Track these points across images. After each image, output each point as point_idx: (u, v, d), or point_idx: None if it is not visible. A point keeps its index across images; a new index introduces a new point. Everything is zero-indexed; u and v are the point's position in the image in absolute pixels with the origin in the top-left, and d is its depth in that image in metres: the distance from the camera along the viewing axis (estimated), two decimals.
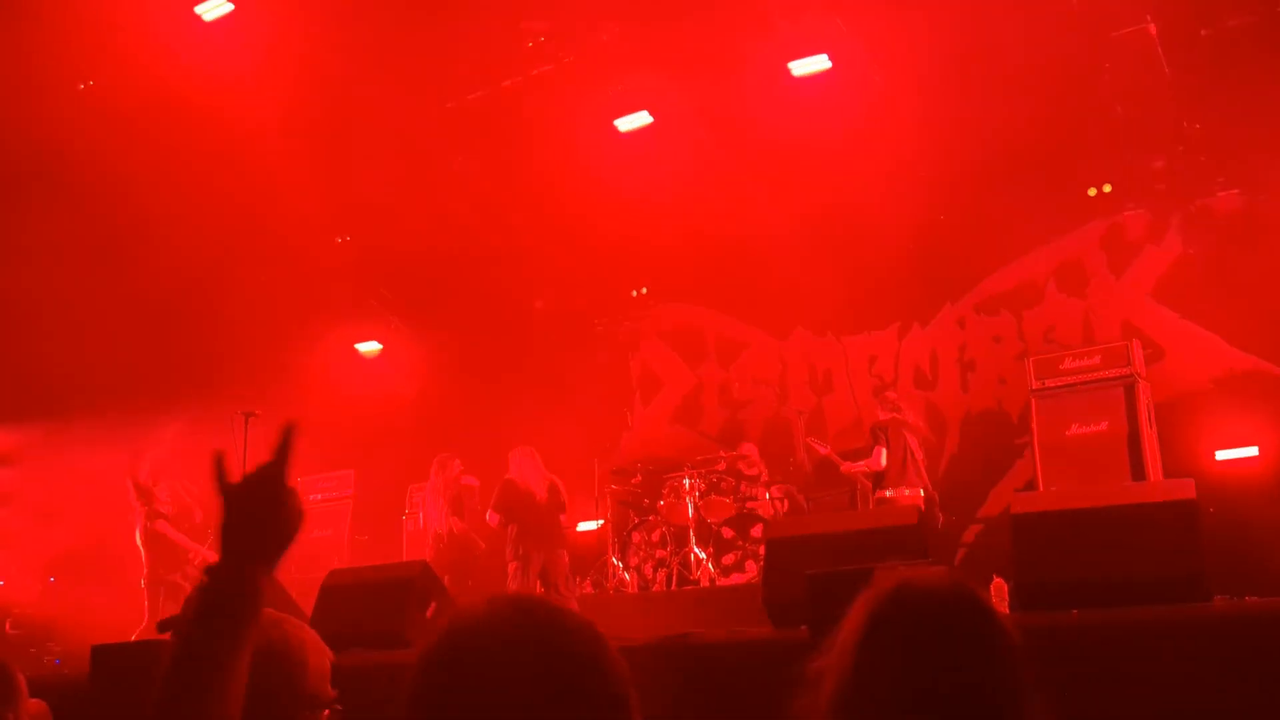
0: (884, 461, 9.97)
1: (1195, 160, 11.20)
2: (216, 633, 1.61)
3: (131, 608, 11.69)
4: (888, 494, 9.95)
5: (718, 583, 10.54)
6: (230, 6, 10.12)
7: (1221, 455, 10.29)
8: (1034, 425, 10.13)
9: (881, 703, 1.70)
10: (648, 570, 11.29)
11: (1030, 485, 10.39)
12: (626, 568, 11.37)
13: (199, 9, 10.14)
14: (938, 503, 10.45)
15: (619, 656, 1.51)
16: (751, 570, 10.62)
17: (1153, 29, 9.77)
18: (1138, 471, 9.31)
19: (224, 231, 13.11)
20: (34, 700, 3.83)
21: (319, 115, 11.42)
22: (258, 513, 1.70)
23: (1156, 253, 11.72)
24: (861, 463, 10.25)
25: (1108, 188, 11.81)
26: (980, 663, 1.71)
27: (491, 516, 10.13)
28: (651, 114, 11.32)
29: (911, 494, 9.88)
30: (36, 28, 10.43)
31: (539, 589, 9.66)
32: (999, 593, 5.23)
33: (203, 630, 1.62)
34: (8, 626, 11.50)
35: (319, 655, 2.19)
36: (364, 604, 6.50)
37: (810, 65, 10.40)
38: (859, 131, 11.14)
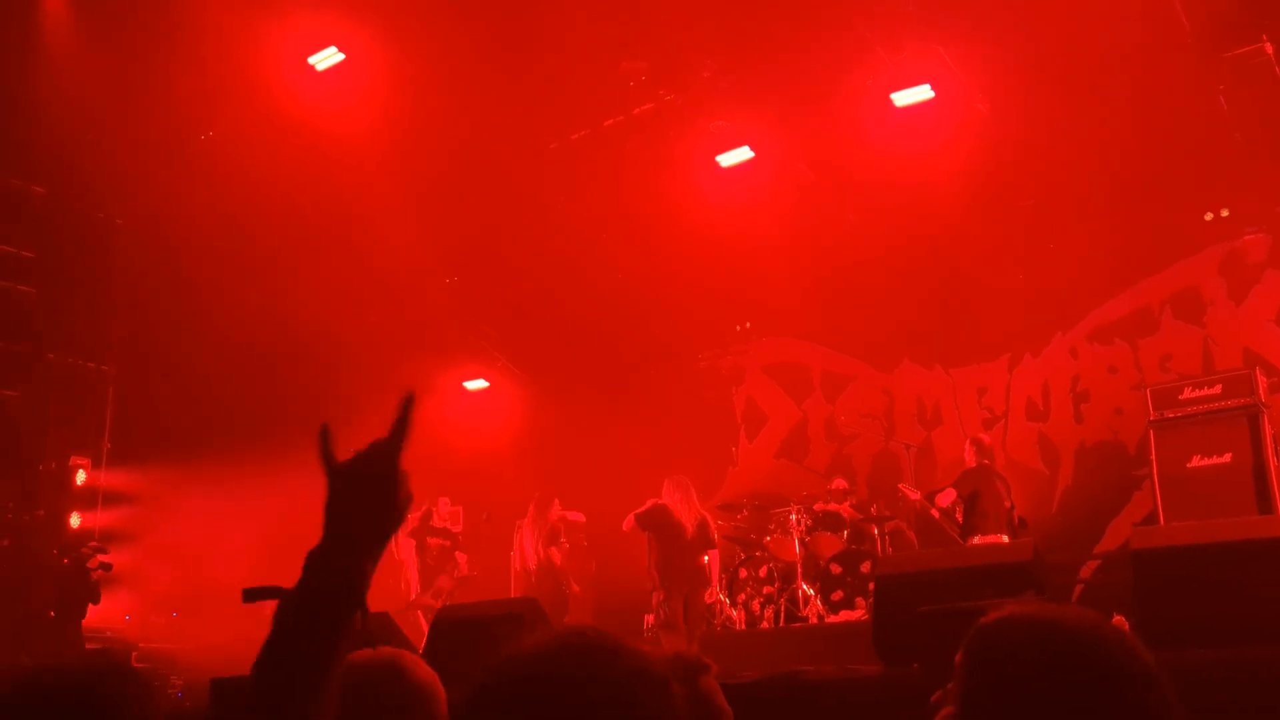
0: (948, 503, 9.79)
1: None
2: (316, 626, 1.47)
3: (252, 645, 11.97)
4: (976, 541, 9.69)
5: (826, 619, 10.40)
6: (341, 56, 10.45)
7: None
8: (1153, 457, 9.82)
9: None
10: (755, 606, 11.20)
11: (1150, 519, 10.07)
12: (734, 604, 11.29)
13: (312, 59, 10.49)
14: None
15: (707, 711, 1.46)
16: (860, 607, 10.46)
17: (1269, 48, 9.49)
18: (1264, 504, 8.96)
19: (337, 275, 13.49)
20: None
21: (426, 160, 11.69)
22: (366, 495, 1.54)
23: (1278, 278, 11.32)
24: (935, 508, 10.08)
25: (1225, 212, 11.48)
26: (1132, 710, 1.60)
27: (629, 521, 9.88)
28: (753, 149, 11.34)
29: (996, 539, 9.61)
30: (159, 83, 10.91)
31: (681, 622, 9.53)
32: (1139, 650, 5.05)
33: (301, 621, 1.47)
34: (133, 659, 11.87)
35: (442, 694, 2.23)
36: (474, 640, 6.55)
37: (913, 95, 10.32)
38: (963, 161, 11.00)
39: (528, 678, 1.36)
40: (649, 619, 11.22)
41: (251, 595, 1.54)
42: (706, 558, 10.14)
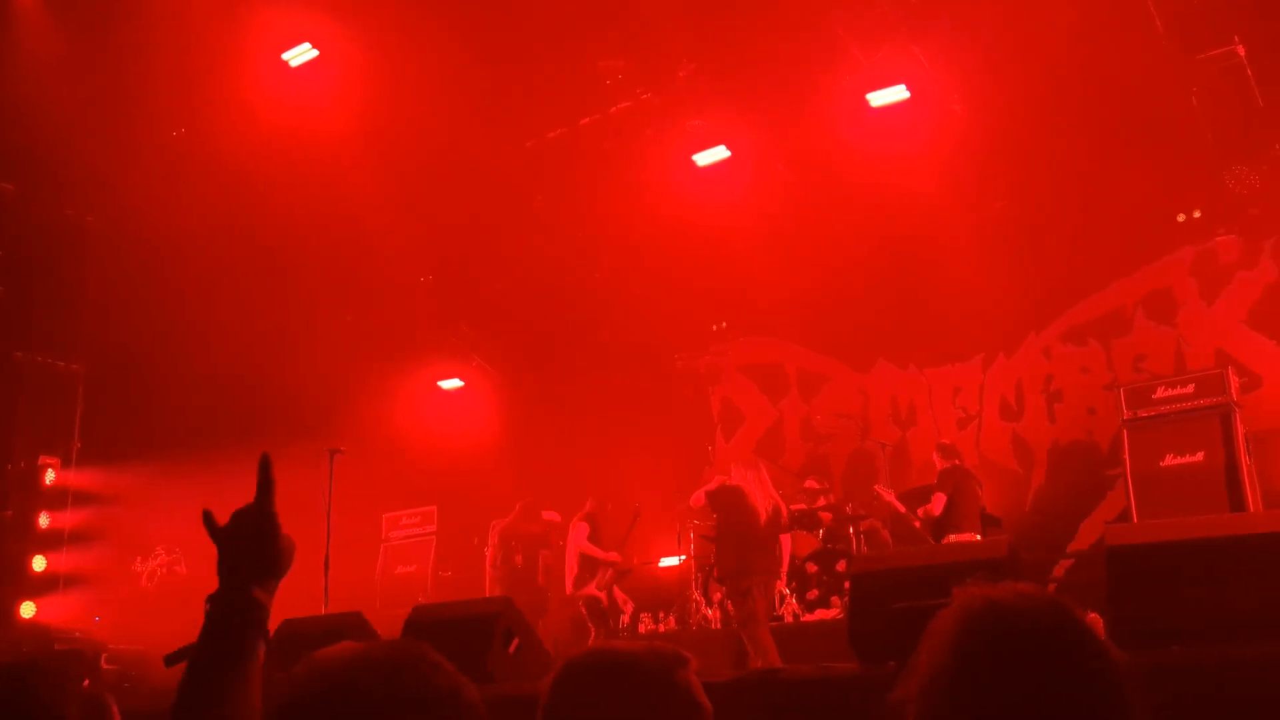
0: (940, 510, 9.71)
1: None
2: (223, 655, 1.66)
3: None
4: (950, 540, 9.70)
5: (802, 618, 10.41)
6: (315, 53, 10.36)
7: None
8: (1126, 456, 9.89)
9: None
10: (730, 606, 11.18)
11: (1123, 518, 10.13)
12: (710, 603, 11.29)
13: (286, 56, 10.40)
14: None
15: (691, 706, 1.46)
16: (836, 605, 10.48)
17: (1241, 50, 9.55)
18: (1236, 503, 9.02)
19: (311, 273, 13.40)
20: None
21: (401, 157, 11.63)
22: (248, 545, 1.76)
23: (1250, 278, 11.40)
24: (921, 510, 10.01)
25: (1197, 213, 11.56)
26: (1083, 687, 1.61)
27: (698, 497, 9.51)
28: (729, 148, 11.33)
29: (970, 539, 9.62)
30: (130, 79, 10.80)
31: (763, 615, 8.86)
32: (1095, 629, 5.07)
33: (209, 654, 1.66)
34: (103, 661, 11.75)
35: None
36: (449, 640, 6.51)
37: (889, 96, 10.34)
38: (938, 161, 11.04)
39: (335, 687, 1.44)
40: (624, 618, 11.22)
41: (172, 660, 1.74)
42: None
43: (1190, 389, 9.74)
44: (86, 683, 10.84)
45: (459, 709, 1.46)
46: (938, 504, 9.65)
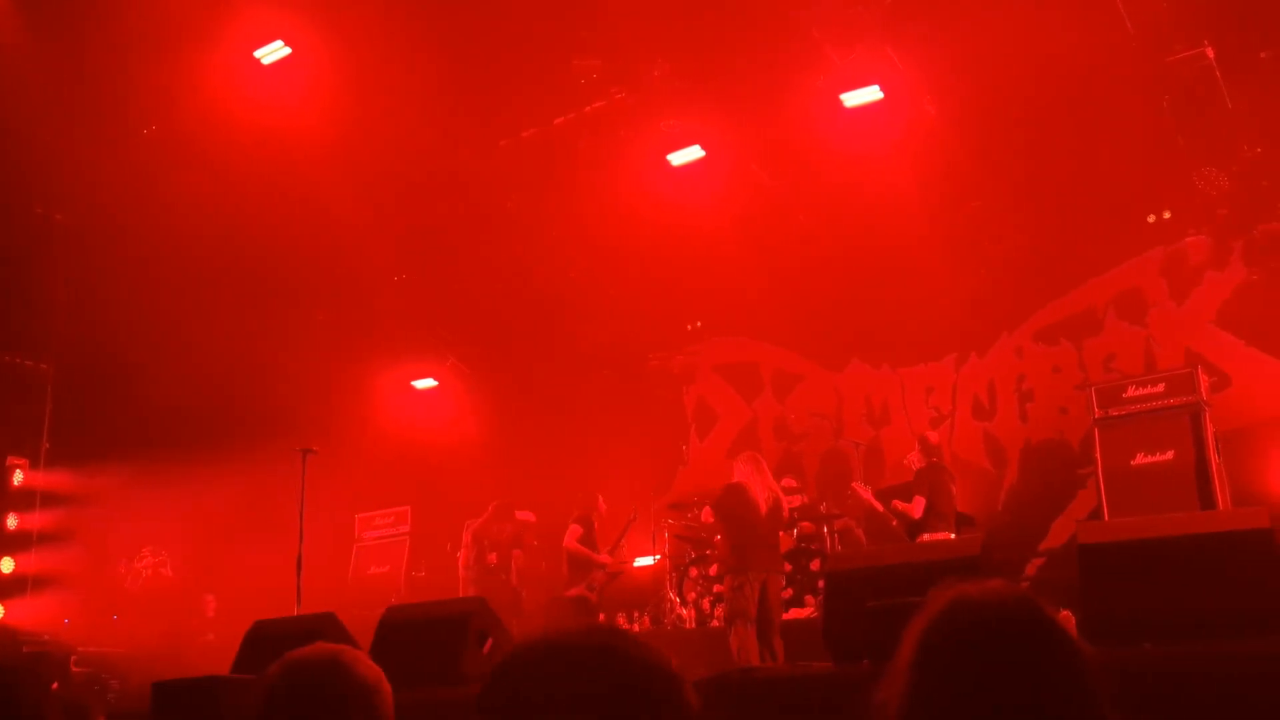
0: (920, 513, 9.66)
1: (1257, 185, 11.00)
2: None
3: (191, 646, 11.83)
4: (925, 539, 9.70)
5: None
6: (288, 50, 10.29)
7: None
8: (1098, 455, 9.96)
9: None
10: (705, 605, 11.20)
11: (1094, 516, 10.20)
12: (684, 602, 11.30)
13: (258, 53, 10.32)
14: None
15: (693, 698, 1.46)
16: (810, 604, 10.50)
17: (1211, 53, 9.63)
18: (1206, 501, 9.11)
19: (283, 270, 13.32)
20: None
21: (375, 156, 11.57)
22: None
23: (1219, 279, 11.51)
24: (902, 509, 9.91)
25: (1167, 214, 11.66)
26: (1046, 677, 1.62)
27: (707, 513, 9.42)
28: (703, 148, 11.34)
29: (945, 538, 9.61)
30: (100, 74, 10.69)
31: (755, 610, 8.69)
32: (1066, 626, 5.10)
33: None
34: (72, 664, 11.64)
35: (387, 689, 2.20)
36: (421, 640, 6.49)
37: (862, 96, 10.36)
38: (912, 162, 11.08)
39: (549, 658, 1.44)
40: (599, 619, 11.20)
41: None
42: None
43: (1160, 388, 9.82)
44: (56, 686, 10.74)
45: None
46: (917, 507, 9.56)
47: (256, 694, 2.02)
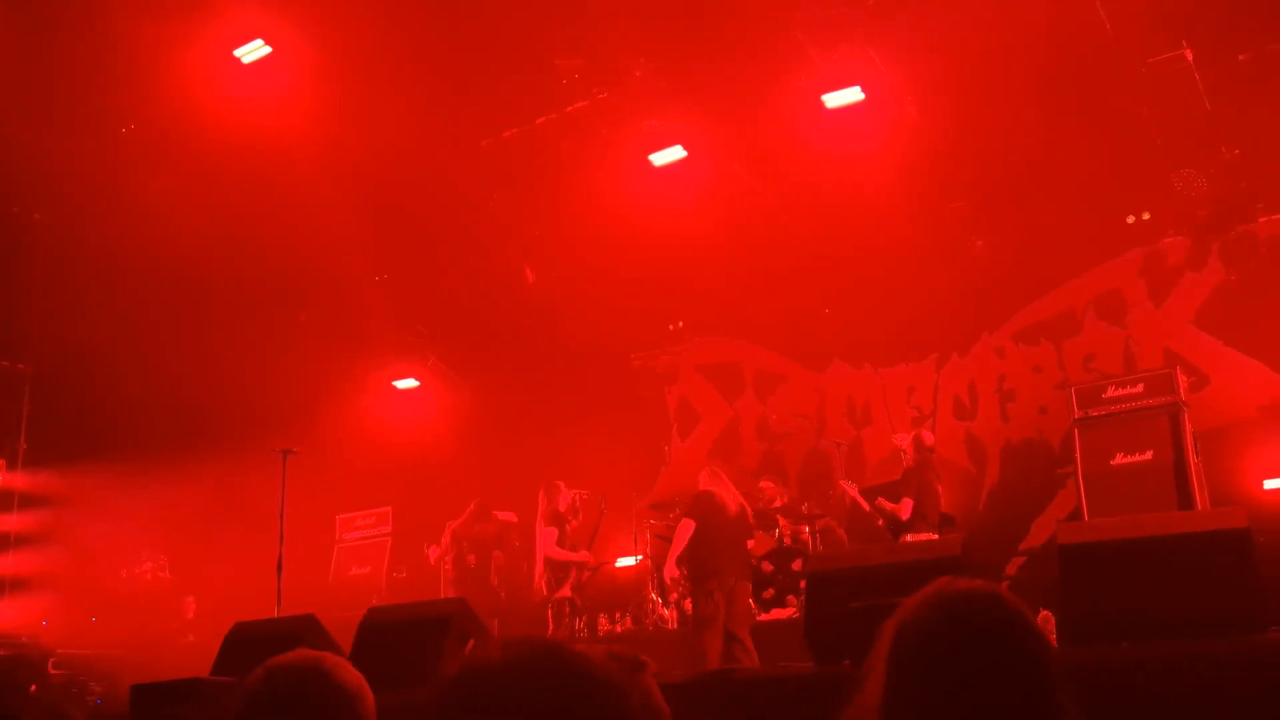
0: (908, 514, 9.65)
1: (1235, 186, 11.08)
2: None
3: (171, 648, 11.76)
4: (908, 539, 9.71)
5: (758, 617, 10.42)
6: (268, 49, 10.24)
7: (1270, 484, 10.10)
8: (1077, 455, 10.00)
9: (912, 714, 1.65)
10: (687, 606, 11.18)
11: (1074, 516, 10.24)
12: (666, 604, 11.29)
13: (238, 52, 10.27)
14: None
15: (649, 710, 1.45)
16: (792, 605, 10.51)
17: (1189, 55, 9.69)
18: (1185, 501, 9.15)
19: (264, 271, 13.26)
20: None
21: (356, 155, 11.52)
22: None
23: (1197, 280, 11.58)
24: (889, 509, 9.89)
25: (1146, 215, 11.72)
26: (1010, 671, 1.65)
27: (686, 525, 9.41)
28: (685, 148, 11.34)
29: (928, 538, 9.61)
30: (78, 73, 10.62)
31: (722, 616, 8.75)
32: (1045, 625, 5.14)
33: None
34: (50, 666, 11.56)
35: (369, 696, 2.18)
36: (403, 641, 6.47)
37: (844, 97, 10.38)
38: (893, 163, 11.11)
39: (494, 697, 1.38)
40: (581, 620, 11.18)
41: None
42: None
43: (1140, 388, 9.87)
44: (34, 688, 10.66)
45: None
46: (905, 508, 9.57)
47: (236, 700, 2.00)
